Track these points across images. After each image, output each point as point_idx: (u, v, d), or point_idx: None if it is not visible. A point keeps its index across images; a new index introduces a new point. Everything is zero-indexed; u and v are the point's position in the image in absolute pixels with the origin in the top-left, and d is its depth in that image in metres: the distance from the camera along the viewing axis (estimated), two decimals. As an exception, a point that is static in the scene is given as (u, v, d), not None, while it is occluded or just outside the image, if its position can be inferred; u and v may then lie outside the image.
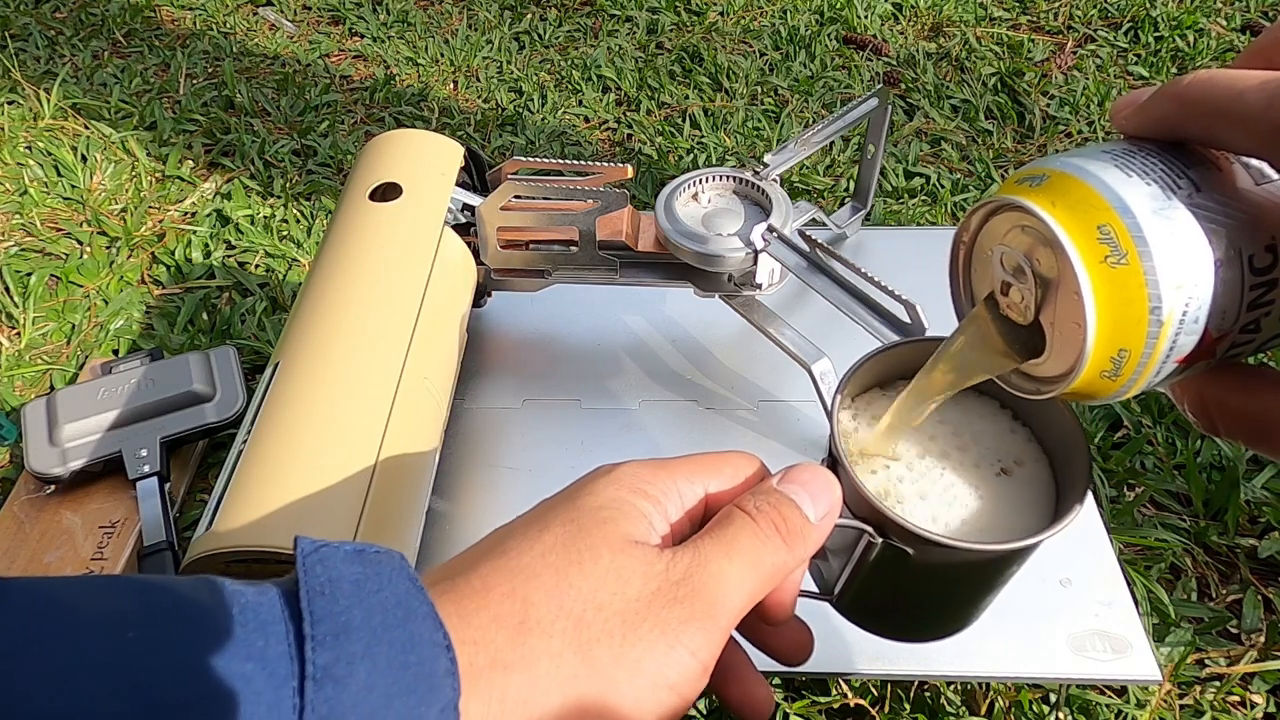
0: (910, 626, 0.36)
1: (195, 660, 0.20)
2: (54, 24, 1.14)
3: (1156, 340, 0.22)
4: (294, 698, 0.20)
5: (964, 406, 0.33)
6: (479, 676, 0.22)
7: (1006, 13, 1.16)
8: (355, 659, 0.21)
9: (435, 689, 0.21)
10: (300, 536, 0.23)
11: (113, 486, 0.61)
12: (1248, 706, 0.51)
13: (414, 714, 0.21)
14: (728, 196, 0.58)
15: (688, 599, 0.24)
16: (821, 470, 0.29)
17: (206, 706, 0.19)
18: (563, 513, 0.26)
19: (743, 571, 0.26)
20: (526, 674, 0.23)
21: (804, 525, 0.27)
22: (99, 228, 0.85)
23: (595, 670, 0.23)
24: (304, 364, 0.47)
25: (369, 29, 1.15)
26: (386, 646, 0.21)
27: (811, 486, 0.28)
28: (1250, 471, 0.62)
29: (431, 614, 0.22)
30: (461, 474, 0.57)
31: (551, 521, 0.26)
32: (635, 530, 0.26)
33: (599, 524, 0.25)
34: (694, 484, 0.28)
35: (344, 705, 0.20)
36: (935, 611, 0.34)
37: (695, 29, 1.14)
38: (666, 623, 0.24)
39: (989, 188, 0.87)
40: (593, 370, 0.63)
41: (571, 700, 0.23)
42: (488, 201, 0.54)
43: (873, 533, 0.29)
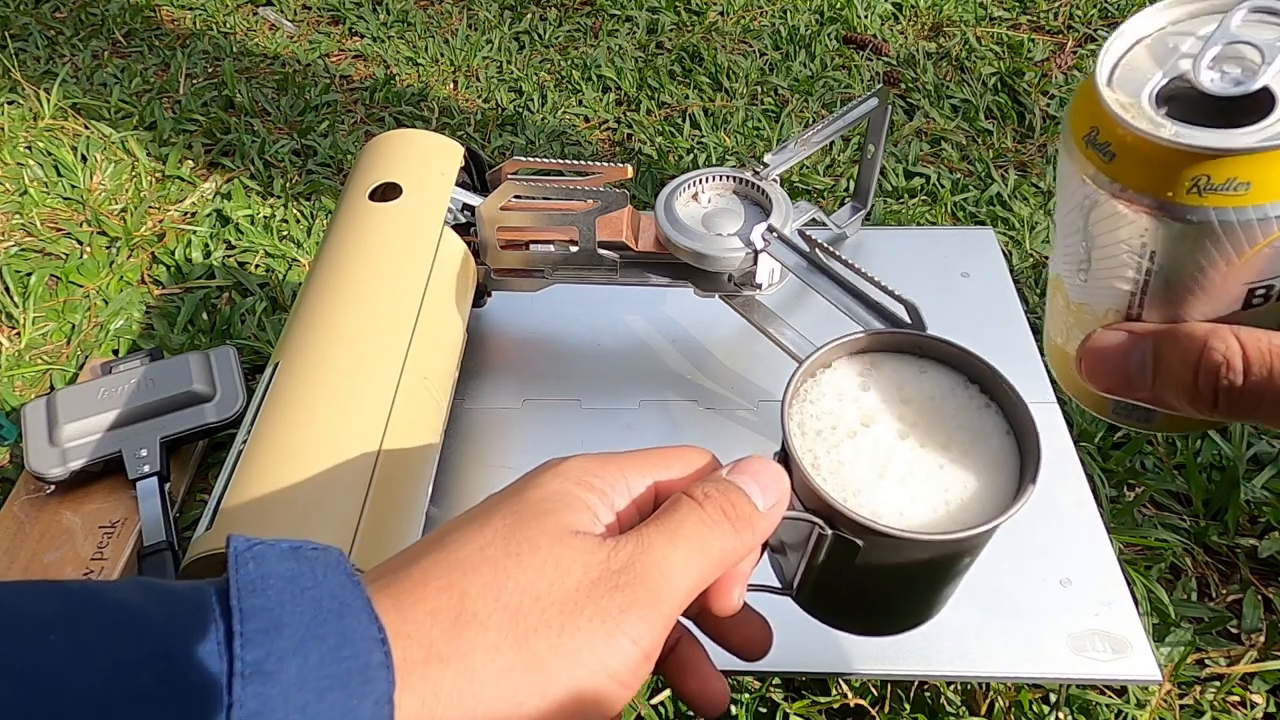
0: (869, 620, 0.36)
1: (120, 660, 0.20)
2: (54, 24, 1.14)
3: None
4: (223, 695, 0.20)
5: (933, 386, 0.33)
6: (413, 670, 0.22)
7: (1006, 13, 1.16)
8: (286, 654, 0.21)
9: (369, 682, 0.21)
10: (233, 535, 0.23)
11: (113, 486, 0.61)
12: (1248, 706, 0.51)
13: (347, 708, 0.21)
14: (728, 196, 0.58)
15: (629, 586, 0.24)
16: (770, 462, 0.29)
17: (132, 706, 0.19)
18: (505, 506, 0.26)
19: (687, 557, 0.25)
20: (462, 666, 0.23)
21: (751, 512, 0.27)
22: (99, 228, 0.85)
23: (532, 661, 0.23)
24: (304, 364, 0.47)
25: (369, 29, 1.15)
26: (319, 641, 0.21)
27: (760, 476, 0.28)
28: (1250, 471, 0.62)
29: (367, 608, 0.22)
30: (461, 474, 0.57)
31: (494, 515, 0.26)
32: (578, 521, 0.26)
33: (540, 515, 0.25)
34: (642, 475, 0.28)
35: (273, 701, 0.20)
36: (893, 604, 0.34)
37: (695, 29, 1.14)
38: (606, 611, 0.24)
39: (989, 188, 0.87)
40: (593, 370, 0.63)
41: (508, 692, 0.23)
42: (488, 201, 0.54)
43: (823, 525, 0.29)
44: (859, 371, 0.33)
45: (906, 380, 0.33)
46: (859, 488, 0.30)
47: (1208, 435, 0.64)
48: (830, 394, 0.33)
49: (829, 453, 0.31)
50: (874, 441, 0.31)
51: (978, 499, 0.30)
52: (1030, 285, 0.78)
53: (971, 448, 0.31)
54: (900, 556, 0.30)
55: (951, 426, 0.32)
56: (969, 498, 0.30)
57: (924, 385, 0.33)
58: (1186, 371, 0.24)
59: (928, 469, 0.30)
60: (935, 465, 0.31)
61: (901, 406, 0.32)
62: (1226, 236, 0.23)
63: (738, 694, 0.51)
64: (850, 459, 0.31)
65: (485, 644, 0.23)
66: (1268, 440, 0.64)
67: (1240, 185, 0.23)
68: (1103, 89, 0.25)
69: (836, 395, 0.33)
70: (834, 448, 0.31)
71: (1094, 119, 0.25)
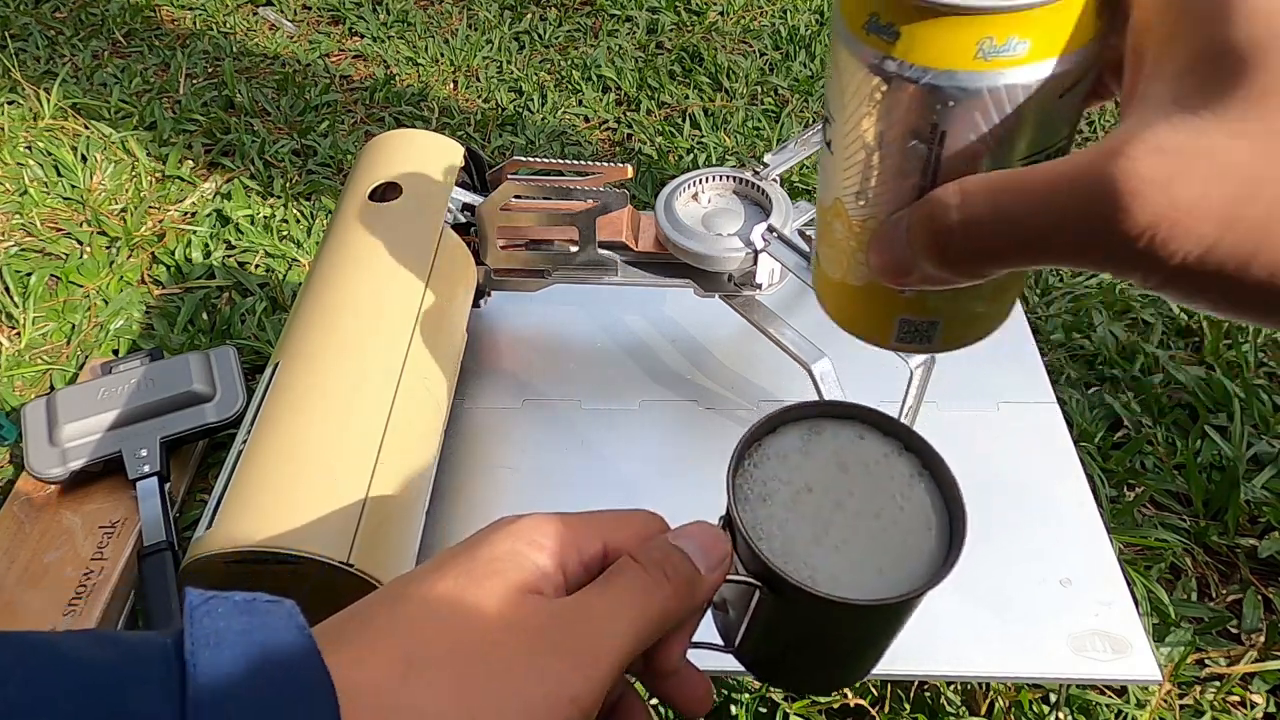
0: (806, 677, 0.37)
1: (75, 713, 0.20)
2: (54, 24, 1.14)
3: None
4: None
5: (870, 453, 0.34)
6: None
7: (1006, 13, 1.16)
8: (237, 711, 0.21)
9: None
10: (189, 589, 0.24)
11: (113, 486, 0.61)
12: (1248, 706, 0.51)
13: None
14: (728, 196, 0.58)
15: (569, 644, 0.25)
16: (713, 526, 0.30)
17: None
18: (458, 564, 0.27)
19: (628, 618, 0.26)
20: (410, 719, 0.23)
21: (693, 575, 0.28)
22: (99, 228, 0.85)
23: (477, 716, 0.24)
24: (304, 364, 0.47)
25: (369, 29, 1.15)
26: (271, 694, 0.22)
27: (701, 539, 0.29)
28: (1250, 471, 0.62)
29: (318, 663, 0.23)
30: (461, 474, 0.57)
31: (447, 572, 0.27)
32: (526, 581, 0.26)
33: (490, 575, 0.26)
34: (592, 537, 0.29)
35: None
36: (827, 663, 0.35)
37: (695, 29, 1.14)
38: (546, 669, 0.25)
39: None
40: (593, 370, 0.63)
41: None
42: (488, 201, 0.54)
43: (763, 587, 0.30)
44: (800, 437, 0.34)
45: (845, 447, 0.34)
46: (797, 551, 0.31)
47: (1207, 435, 0.64)
48: (774, 459, 0.34)
49: (770, 516, 0.32)
50: (814, 507, 0.32)
51: (908, 566, 0.31)
52: (1030, 285, 0.78)
53: (904, 516, 0.32)
54: (835, 620, 0.31)
55: (885, 494, 0.33)
56: (900, 564, 0.31)
57: (861, 452, 0.34)
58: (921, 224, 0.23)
59: (861, 535, 0.32)
60: (868, 532, 0.32)
61: (839, 473, 0.33)
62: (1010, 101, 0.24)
63: (738, 694, 0.51)
64: (790, 523, 0.32)
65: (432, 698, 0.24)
66: (1267, 440, 0.65)
67: (1019, 45, 0.23)
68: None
69: (780, 460, 0.34)
70: (775, 512, 0.32)
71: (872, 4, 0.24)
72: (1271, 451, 0.63)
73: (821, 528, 0.32)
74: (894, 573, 0.31)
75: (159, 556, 0.56)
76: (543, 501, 0.55)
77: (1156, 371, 0.70)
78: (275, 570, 0.40)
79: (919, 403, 0.49)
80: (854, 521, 0.32)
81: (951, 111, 0.24)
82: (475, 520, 0.54)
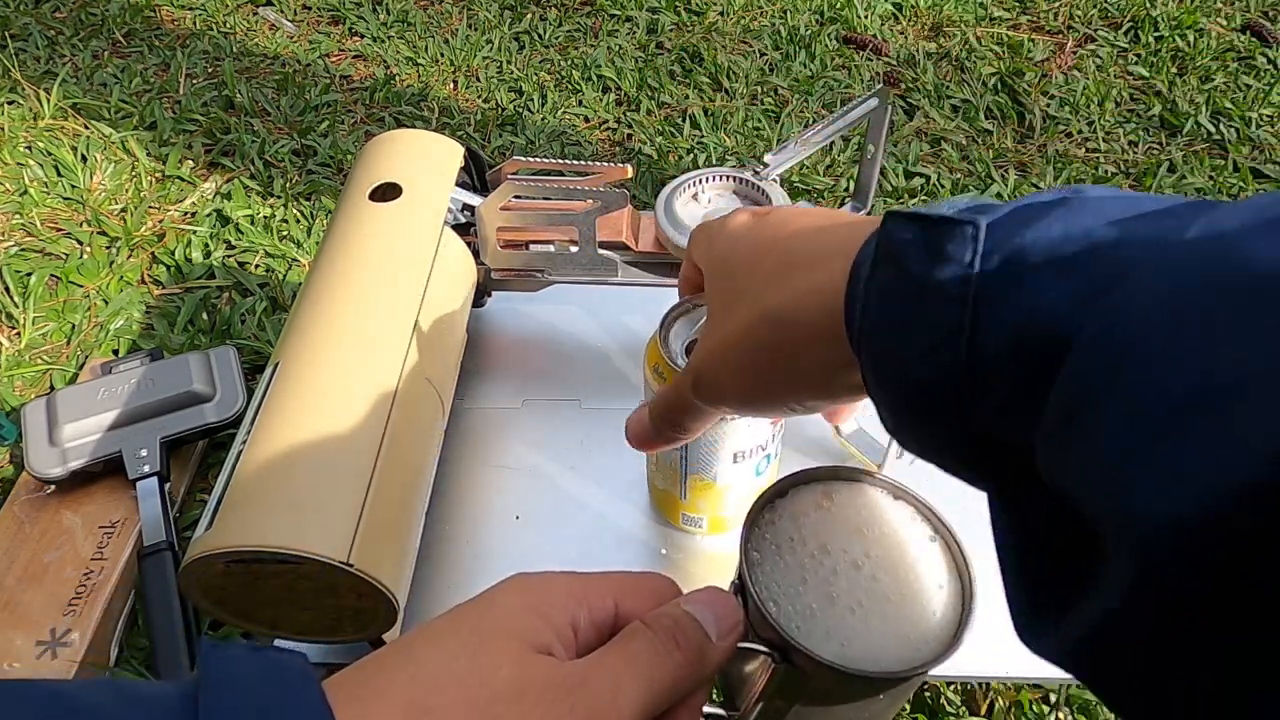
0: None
1: None
2: (54, 24, 1.14)
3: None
4: None
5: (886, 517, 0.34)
6: None
7: (1006, 13, 1.16)
8: None
9: None
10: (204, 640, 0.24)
11: (113, 486, 0.61)
12: (1248, 706, 0.51)
13: None
14: (728, 196, 0.58)
15: (581, 708, 0.25)
16: (725, 593, 0.30)
17: None
18: (469, 622, 0.27)
19: (638, 683, 0.26)
20: None
21: (704, 643, 0.28)
22: (99, 228, 0.85)
23: None
24: (304, 364, 0.47)
25: (369, 29, 1.15)
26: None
27: (715, 607, 0.29)
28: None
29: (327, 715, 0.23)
30: (461, 474, 0.57)
31: (459, 630, 0.27)
32: (538, 641, 0.26)
33: (502, 635, 0.26)
34: (605, 599, 0.29)
35: None
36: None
37: (695, 29, 1.14)
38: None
39: (989, 188, 0.88)
40: (593, 370, 0.63)
41: None
42: (488, 201, 0.54)
43: (775, 656, 0.30)
44: (815, 499, 0.35)
45: (860, 510, 0.34)
46: (811, 616, 0.31)
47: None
48: (787, 520, 0.34)
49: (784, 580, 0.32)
50: (830, 570, 0.32)
51: (921, 628, 0.31)
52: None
53: (918, 581, 0.32)
54: (846, 688, 0.31)
55: (899, 558, 0.33)
56: (912, 631, 0.31)
57: (877, 515, 0.34)
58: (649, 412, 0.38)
59: (875, 599, 0.32)
60: (883, 597, 0.32)
61: (853, 536, 0.33)
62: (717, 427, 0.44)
63: (738, 694, 0.51)
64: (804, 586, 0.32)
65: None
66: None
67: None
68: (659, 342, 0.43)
69: (793, 521, 0.34)
70: (789, 575, 0.32)
71: (655, 358, 0.43)
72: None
73: (836, 590, 0.32)
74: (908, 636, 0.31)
75: (159, 556, 0.56)
76: (542, 501, 0.55)
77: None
78: (275, 570, 0.40)
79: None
80: (869, 585, 0.32)
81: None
82: (475, 520, 0.54)
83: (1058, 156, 0.93)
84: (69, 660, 0.53)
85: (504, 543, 0.53)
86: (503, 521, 0.54)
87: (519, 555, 0.52)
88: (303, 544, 0.39)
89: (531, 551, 0.53)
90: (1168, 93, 1.01)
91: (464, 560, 0.53)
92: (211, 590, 0.42)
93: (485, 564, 0.52)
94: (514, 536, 0.54)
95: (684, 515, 0.52)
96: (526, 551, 0.53)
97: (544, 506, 0.55)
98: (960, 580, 0.33)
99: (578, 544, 0.53)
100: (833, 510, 0.34)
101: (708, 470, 0.47)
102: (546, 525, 0.54)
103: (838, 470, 0.35)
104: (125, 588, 0.57)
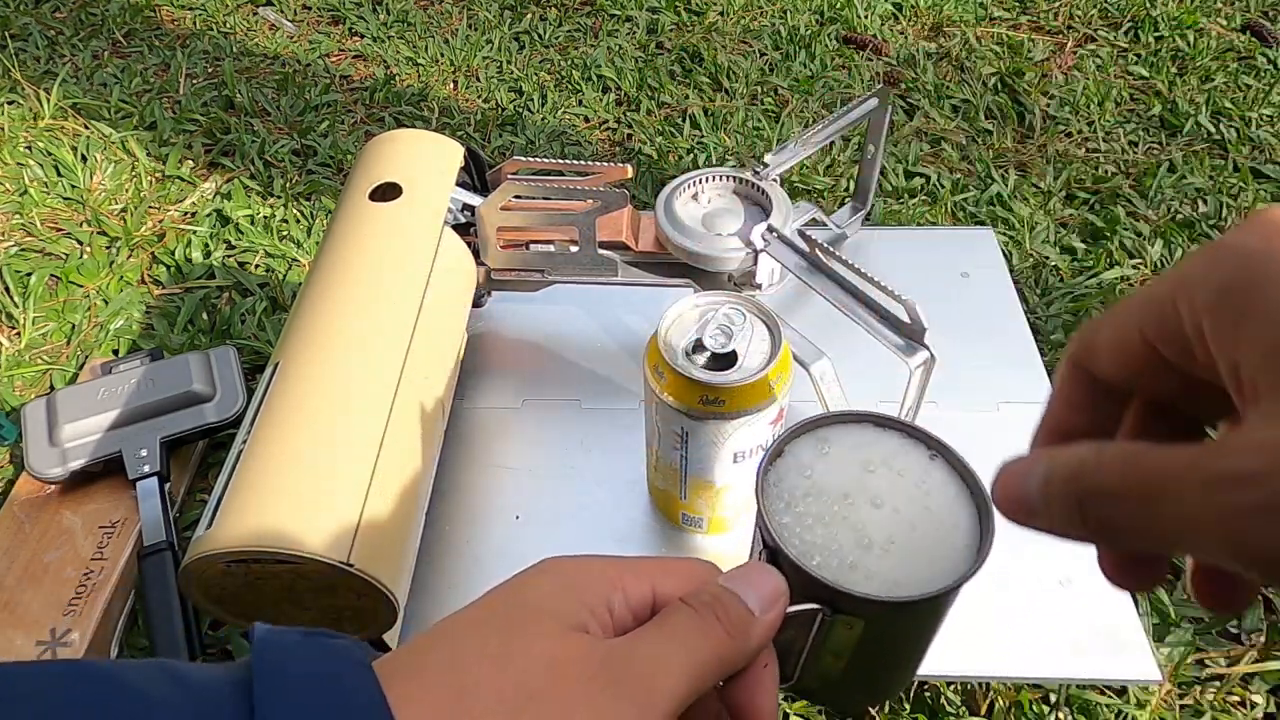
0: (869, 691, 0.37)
1: None
2: (54, 24, 1.14)
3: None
4: None
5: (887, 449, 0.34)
6: None
7: (1006, 13, 1.16)
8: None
9: None
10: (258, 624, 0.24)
11: (113, 486, 0.61)
12: (1248, 706, 0.51)
13: None
14: (728, 196, 0.58)
15: (624, 685, 0.25)
16: (765, 566, 0.30)
17: None
18: (504, 604, 0.27)
19: (681, 659, 0.26)
20: None
21: (747, 618, 0.27)
22: (99, 228, 0.85)
23: None
24: (304, 364, 0.47)
25: (369, 29, 1.15)
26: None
27: (755, 580, 0.28)
28: (1250, 471, 0.62)
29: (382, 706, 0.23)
30: (461, 474, 0.57)
31: (494, 613, 0.26)
32: (574, 620, 0.26)
33: (537, 615, 0.26)
34: (641, 580, 0.28)
35: None
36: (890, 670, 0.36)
37: (695, 29, 1.14)
38: (604, 711, 0.24)
39: (989, 188, 0.87)
40: (593, 370, 0.63)
41: None
42: (488, 201, 0.54)
43: (827, 611, 0.30)
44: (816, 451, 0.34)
45: (860, 448, 0.34)
46: (851, 563, 0.31)
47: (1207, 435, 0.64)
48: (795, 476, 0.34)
49: (812, 535, 0.32)
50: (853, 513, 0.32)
51: (950, 545, 0.31)
52: (1030, 285, 0.78)
53: (933, 500, 0.32)
54: (899, 621, 0.31)
55: (911, 484, 0.33)
56: (943, 546, 0.31)
57: (878, 450, 0.34)
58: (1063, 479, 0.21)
59: (903, 530, 0.32)
60: (909, 526, 0.32)
61: (865, 474, 0.33)
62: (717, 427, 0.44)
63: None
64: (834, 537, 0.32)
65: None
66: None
67: (720, 401, 0.43)
68: (660, 342, 0.43)
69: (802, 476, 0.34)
70: (815, 529, 0.32)
71: (655, 358, 0.44)
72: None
73: (865, 533, 0.32)
74: (941, 557, 0.31)
75: (159, 556, 0.56)
76: (542, 501, 0.55)
77: (1156, 371, 0.70)
78: (275, 570, 0.40)
79: (919, 403, 0.49)
80: (893, 518, 0.32)
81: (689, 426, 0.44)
82: (475, 520, 0.54)
83: (1058, 156, 0.93)
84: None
85: (504, 543, 0.53)
86: (503, 521, 0.54)
87: (519, 555, 0.52)
88: (303, 544, 0.39)
89: (531, 551, 0.52)
90: (1168, 93, 1.01)
91: (464, 560, 0.53)
92: (211, 590, 0.42)
93: (485, 564, 0.52)
94: (514, 536, 0.54)
95: (684, 515, 0.52)
96: (526, 551, 0.53)
97: (544, 506, 0.55)
98: (967, 485, 0.33)
99: (578, 544, 0.53)
100: (833, 455, 0.34)
101: (708, 470, 0.47)
102: (546, 525, 0.54)
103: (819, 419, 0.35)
104: (125, 588, 0.57)
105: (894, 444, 0.34)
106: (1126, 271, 0.79)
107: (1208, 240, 0.82)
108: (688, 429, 0.44)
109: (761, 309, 0.46)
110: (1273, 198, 0.87)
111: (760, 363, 0.43)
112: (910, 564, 0.31)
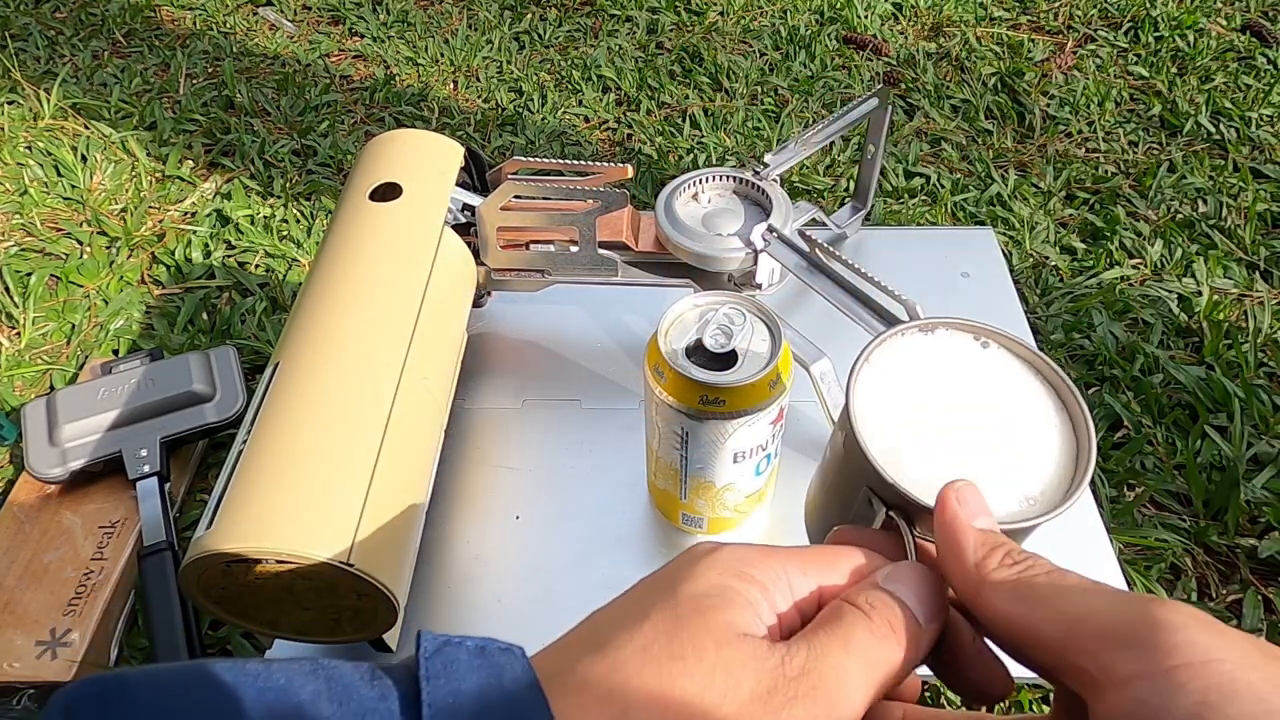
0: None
1: None
2: (54, 24, 1.14)
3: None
4: None
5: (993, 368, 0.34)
6: None
7: (1006, 13, 1.16)
8: None
9: None
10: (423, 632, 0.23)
11: (113, 486, 0.61)
12: (1248, 706, 0.51)
13: None
14: (728, 196, 0.58)
15: (808, 697, 0.23)
16: (928, 571, 0.27)
17: None
18: (661, 600, 0.24)
19: (861, 669, 0.24)
20: None
21: (915, 628, 0.25)
22: (99, 228, 0.85)
23: None
24: (304, 364, 0.47)
25: (369, 29, 1.15)
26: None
27: (918, 588, 0.26)
28: (1250, 471, 0.62)
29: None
30: (461, 474, 0.57)
31: (650, 609, 0.24)
32: (741, 620, 0.24)
33: (701, 613, 0.24)
34: (807, 575, 0.26)
35: None
36: None
37: (695, 29, 1.14)
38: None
39: (989, 188, 0.87)
40: (593, 370, 0.63)
41: None
42: (488, 201, 0.55)
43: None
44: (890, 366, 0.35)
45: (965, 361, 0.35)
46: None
47: (1207, 435, 0.64)
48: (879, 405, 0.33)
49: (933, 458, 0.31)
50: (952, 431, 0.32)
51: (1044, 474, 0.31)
52: (1030, 285, 0.78)
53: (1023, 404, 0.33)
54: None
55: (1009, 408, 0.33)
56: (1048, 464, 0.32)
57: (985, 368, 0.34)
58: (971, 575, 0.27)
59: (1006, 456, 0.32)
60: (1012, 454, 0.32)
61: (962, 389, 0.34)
62: (717, 427, 0.43)
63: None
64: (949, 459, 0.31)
65: None
66: (1267, 440, 0.65)
67: (721, 401, 0.42)
68: (660, 342, 0.43)
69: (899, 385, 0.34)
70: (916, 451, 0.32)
71: (655, 358, 0.43)
72: (1271, 451, 0.63)
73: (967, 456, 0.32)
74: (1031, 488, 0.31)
75: (159, 556, 0.56)
76: (542, 501, 0.55)
77: (1156, 372, 0.70)
78: (275, 570, 0.40)
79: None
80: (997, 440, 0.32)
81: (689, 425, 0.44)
82: (475, 520, 0.54)
83: (1058, 156, 0.93)
84: (69, 660, 0.53)
85: (504, 543, 0.53)
86: (503, 521, 0.54)
87: (519, 555, 0.52)
88: (303, 544, 0.39)
89: (531, 551, 0.53)
90: (1168, 93, 1.01)
91: (464, 560, 0.53)
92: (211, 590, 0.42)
93: (485, 564, 0.52)
94: (514, 536, 0.54)
95: (684, 515, 0.52)
96: (526, 551, 0.53)
97: (544, 506, 0.55)
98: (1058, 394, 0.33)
99: (578, 544, 0.53)
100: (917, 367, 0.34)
101: (708, 470, 0.48)
102: (546, 525, 0.54)
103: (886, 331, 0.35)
104: (125, 588, 0.57)
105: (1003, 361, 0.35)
106: (1126, 271, 0.79)
107: (1207, 238, 0.82)
108: (688, 429, 0.44)
109: (761, 309, 0.46)
110: (1273, 198, 0.87)
111: (760, 363, 0.43)
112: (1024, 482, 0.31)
